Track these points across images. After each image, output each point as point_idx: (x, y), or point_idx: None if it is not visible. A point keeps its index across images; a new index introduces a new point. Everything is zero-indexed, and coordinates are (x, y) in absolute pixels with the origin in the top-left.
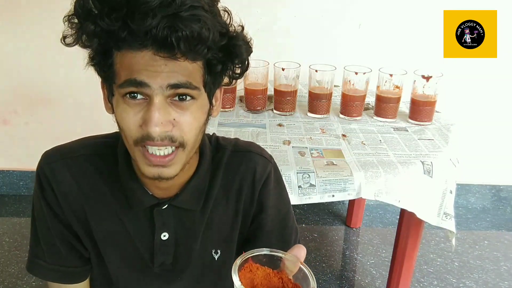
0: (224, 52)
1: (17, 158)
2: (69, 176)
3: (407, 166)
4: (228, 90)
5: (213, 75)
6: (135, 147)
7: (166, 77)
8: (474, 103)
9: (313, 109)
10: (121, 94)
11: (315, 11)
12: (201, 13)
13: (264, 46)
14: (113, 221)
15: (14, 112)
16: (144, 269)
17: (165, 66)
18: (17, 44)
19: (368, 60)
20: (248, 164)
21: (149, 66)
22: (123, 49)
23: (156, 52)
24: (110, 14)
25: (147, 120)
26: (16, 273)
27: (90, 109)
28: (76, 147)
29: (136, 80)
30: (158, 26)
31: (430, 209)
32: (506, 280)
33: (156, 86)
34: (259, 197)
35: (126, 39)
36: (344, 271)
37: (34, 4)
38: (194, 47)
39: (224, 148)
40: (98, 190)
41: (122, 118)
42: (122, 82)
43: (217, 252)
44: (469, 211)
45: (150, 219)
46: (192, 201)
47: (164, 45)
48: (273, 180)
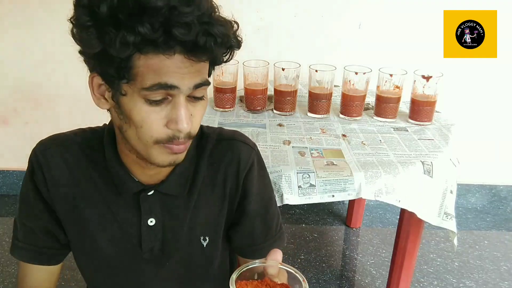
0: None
1: (17, 158)
2: (62, 162)
3: (407, 166)
4: (228, 90)
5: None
6: (152, 145)
7: (192, 78)
8: (474, 103)
9: (313, 109)
10: (143, 95)
11: (315, 11)
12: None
13: (264, 46)
14: (103, 207)
15: (14, 112)
16: (133, 254)
17: (192, 67)
18: (17, 44)
19: (368, 60)
20: (233, 152)
21: (179, 69)
22: (150, 53)
23: (188, 56)
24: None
25: (177, 119)
26: (16, 273)
27: (90, 109)
28: (70, 135)
29: (167, 84)
30: (198, 34)
31: (430, 209)
32: (506, 280)
33: (185, 88)
34: (244, 184)
35: (161, 46)
36: (344, 271)
37: (34, 4)
38: (221, 49)
39: (207, 135)
40: (88, 176)
41: (143, 119)
42: (150, 86)
43: (205, 239)
44: (469, 211)
45: (136, 205)
46: (177, 187)
47: (197, 49)
48: (257, 167)
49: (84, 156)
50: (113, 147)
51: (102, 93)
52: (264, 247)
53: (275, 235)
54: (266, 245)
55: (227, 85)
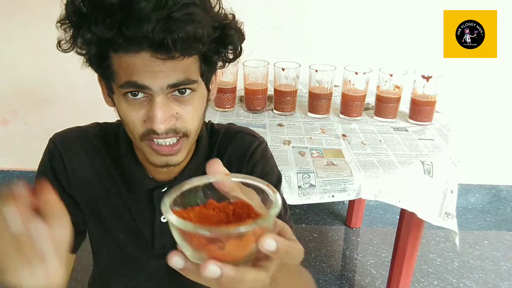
0: (218, 42)
1: (17, 158)
2: (82, 152)
3: (407, 166)
4: (228, 90)
5: (208, 65)
6: (141, 141)
7: (165, 77)
8: (474, 103)
9: (313, 109)
10: (122, 93)
11: (315, 11)
12: (194, 11)
13: (264, 46)
14: (118, 200)
15: (14, 112)
16: (145, 249)
17: (163, 66)
18: (17, 44)
19: (368, 60)
20: (236, 142)
21: (147, 67)
22: (120, 52)
23: (154, 54)
24: (105, 21)
25: (151, 118)
26: None
27: (90, 109)
28: (88, 128)
29: (136, 83)
30: (154, 30)
31: (430, 209)
32: (506, 280)
33: (157, 88)
34: (247, 169)
35: (122, 44)
36: (344, 271)
37: (35, 4)
38: (190, 46)
39: (217, 132)
40: (106, 169)
41: (126, 116)
42: (122, 83)
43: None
44: (469, 211)
45: (150, 202)
46: None
47: (161, 47)
48: (260, 153)
49: (102, 149)
50: (129, 143)
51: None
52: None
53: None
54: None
55: (227, 85)
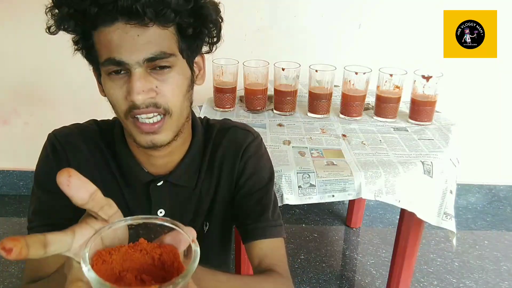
0: (193, 16)
1: (17, 158)
2: (84, 146)
3: (407, 166)
4: (228, 90)
5: (187, 40)
6: (126, 120)
7: (141, 51)
8: (474, 103)
9: (313, 109)
10: (105, 72)
11: (315, 11)
12: None
13: (264, 46)
14: (117, 194)
15: (14, 112)
16: None
17: (138, 37)
18: (17, 44)
19: (368, 60)
20: (230, 137)
21: (123, 41)
22: (98, 26)
23: (127, 22)
24: None
25: (130, 90)
26: (16, 273)
27: (89, 109)
28: (86, 124)
29: (115, 60)
30: None
31: (430, 209)
32: (506, 280)
33: (133, 62)
34: (240, 164)
35: (97, 15)
36: (344, 271)
37: (35, 4)
38: (161, 11)
39: (213, 127)
40: (105, 164)
41: (110, 94)
42: (103, 61)
43: (206, 224)
44: (469, 211)
45: (147, 196)
46: (186, 177)
47: (132, 13)
48: (254, 149)
49: (101, 144)
50: (123, 138)
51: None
52: (258, 228)
53: (271, 220)
54: (260, 226)
55: (227, 85)
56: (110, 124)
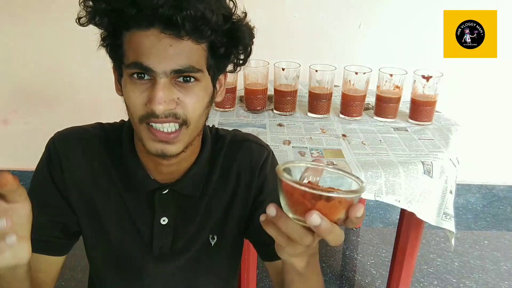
0: (227, 36)
1: (17, 158)
2: (80, 153)
3: (407, 166)
4: (228, 90)
5: (216, 59)
6: (140, 124)
7: (170, 61)
8: (474, 103)
9: (313, 109)
10: (128, 74)
11: (315, 11)
12: None
13: (264, 46)
14: (117, 202)
15: (14, 112)
16: (143, 251)
17: (170, 47)
18: (17, 44)
19: (368, 60)
20: (246, 152)
21: (154, 48)
22: (132, 28)
23: (162, 31)
24: None
25: (152, 99)
26: None
27: (90, 109)
28: (89, 128)
29: (142, 65)
30: (164, 4)
31: (430, 209)
32: (506, 280)
33: (160, 71)
34: (258, 181)
35: (134, 17)
36: (344, 271)
37: (35, 4)
38: (199, 27)
39: (223, 138)
40: (106, 170)
41: (129, 96)
42: (129, 63)
43: (213, 237)
44: (469, 211)
45: (151, 203)
46: (192, 187)
47: (170, 24)
48: (270, 165)
49: (102, 150)
50: (131, 143)
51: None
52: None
53: None
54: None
55: (227, 85)
56: (117, 128)
